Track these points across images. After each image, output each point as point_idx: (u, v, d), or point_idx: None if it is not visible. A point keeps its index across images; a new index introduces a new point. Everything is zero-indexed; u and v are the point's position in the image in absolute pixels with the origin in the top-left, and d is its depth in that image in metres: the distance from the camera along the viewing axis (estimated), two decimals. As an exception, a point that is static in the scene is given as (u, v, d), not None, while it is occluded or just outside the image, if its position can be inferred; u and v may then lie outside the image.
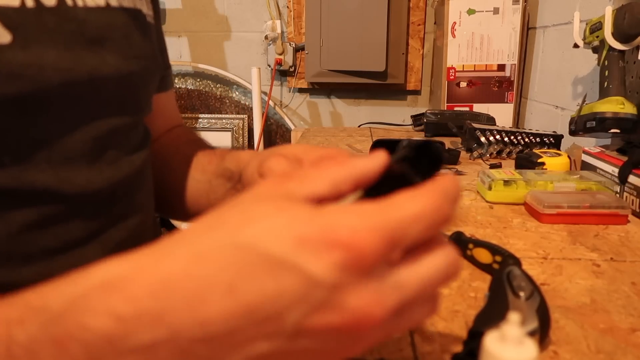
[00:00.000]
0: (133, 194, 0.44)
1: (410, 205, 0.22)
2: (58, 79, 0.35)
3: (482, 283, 0.51)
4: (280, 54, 1.81)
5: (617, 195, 0.76)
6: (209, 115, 1.93)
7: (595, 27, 0.90)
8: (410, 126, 1.57)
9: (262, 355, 0.21)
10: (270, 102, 1.89)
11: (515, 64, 1.50)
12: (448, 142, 1.19)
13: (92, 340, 0.20)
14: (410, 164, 0.26)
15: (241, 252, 0.21)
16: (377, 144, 1.13)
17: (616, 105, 0.82)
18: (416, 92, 1.87)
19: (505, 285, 0.41)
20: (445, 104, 1.56)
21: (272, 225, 0.21)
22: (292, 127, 1.90)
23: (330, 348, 0.22)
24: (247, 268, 0.20)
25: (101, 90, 0.39)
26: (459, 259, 0.24)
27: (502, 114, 1.51)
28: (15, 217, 0.35)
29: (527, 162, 0.93)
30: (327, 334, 0.21)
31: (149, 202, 0.49)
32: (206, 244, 0.22)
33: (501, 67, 1.52)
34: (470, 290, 0.50)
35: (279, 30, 1.81)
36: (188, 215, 0.55)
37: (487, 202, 0.78)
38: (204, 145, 0.57)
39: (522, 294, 0.40)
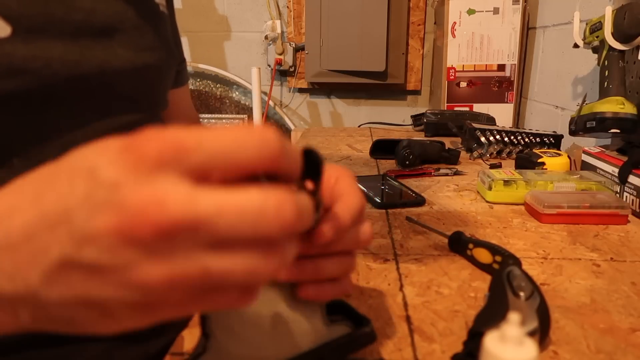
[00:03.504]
0: None
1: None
2: (65, 73, 0.33)
3: (482, 283, 0.51)
4: (280, 54, 1.81)
5: (617, 195, 0.76)
6: (209, 115, 1.93)
7: (595, 27, 0.90)
8: (410, 126, 1.57)
9: (55, 265, 0.20)
10: (270, 102, 1.89)
11: (515, 64, 1.50)
12: (448, 142, 1.19)
13: None
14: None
15: (51, 168, 0.22)
16: (377, 144, 1.13)
17: (616, 105, 0.82)
18: (416, 92, 1.87)
19: (505, 285, 0.41)
20: (445, 104, 1.56)
21: (87, 149, 0.22)
22: (292, 127, 1.90)
23: (119, 275, 0.20)
24: (52, 178, 0.22)
25: (113, 85, 0.38)
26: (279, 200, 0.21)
27: (502, 114, 1.52)
28: None
29: (527, 162, 0.93)
30: (110, 240, 0.20)
31: None
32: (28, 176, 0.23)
33: (501, 67, 1.52)
34: (470, 290, 0.50)
35: (279, 30, 1.81)
36: None
37: (487, 202, 0.78)
38: None
39: (522, 294, 0.40)
